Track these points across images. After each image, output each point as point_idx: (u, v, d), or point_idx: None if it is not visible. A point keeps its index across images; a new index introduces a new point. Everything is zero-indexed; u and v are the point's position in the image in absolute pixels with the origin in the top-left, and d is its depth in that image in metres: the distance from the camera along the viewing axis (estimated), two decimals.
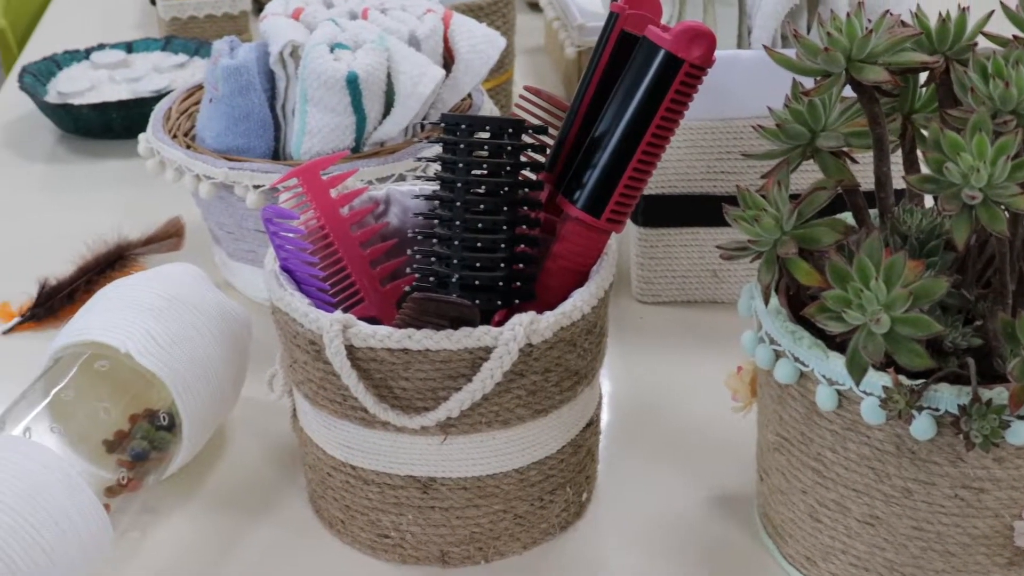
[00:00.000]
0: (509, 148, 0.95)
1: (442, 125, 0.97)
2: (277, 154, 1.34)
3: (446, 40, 1.35)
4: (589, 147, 0.97)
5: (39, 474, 0.92)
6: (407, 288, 1.00)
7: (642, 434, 1.17)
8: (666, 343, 1.30)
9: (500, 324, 0.92)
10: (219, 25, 2.17)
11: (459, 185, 0.95)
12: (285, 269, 1.01)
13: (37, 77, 1.94)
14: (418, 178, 1.05)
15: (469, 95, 1.41)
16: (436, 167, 0.99)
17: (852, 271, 0.82)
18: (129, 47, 2.04)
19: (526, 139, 0.98)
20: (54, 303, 1.38)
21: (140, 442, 1.06)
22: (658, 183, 1.29)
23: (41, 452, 0.94)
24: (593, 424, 1.05)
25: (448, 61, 1.36)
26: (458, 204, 0.95)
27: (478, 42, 1.34)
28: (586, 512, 1.07)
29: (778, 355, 0.92)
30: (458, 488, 0.98)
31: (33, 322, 1.38)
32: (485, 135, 0.96)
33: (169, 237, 1.45)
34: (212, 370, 1.08)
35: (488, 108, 1.41)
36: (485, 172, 0.95)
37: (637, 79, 0.95)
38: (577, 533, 1.05)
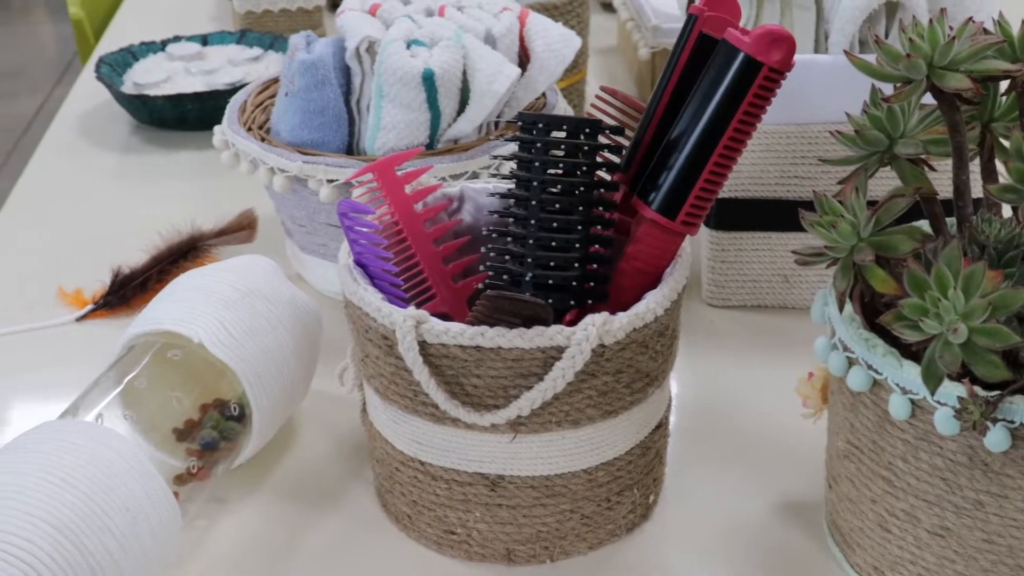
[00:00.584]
0: (585, 148, 0.95)
1: (519, 124, 0.97)
2: (351, 149, 1.34)
3: (522, 39, 1.35)
4: (665, 149, 0.97)
5: (111, 460, 0.93)
6: (479, 285, 1.00)
7: (710, 438, 1.16)
8: (736, 347, 1.30)
9: (572, 324, 0.92)
10: (293, 19, 2.18)
11: (535, 184, 0.95)
12: (359, 263, 1.01)
13: (114, 68, 1.96)
14: (493, 176, 1.05)
15: (543, 94, 1.41)
16: (511, 165, 0.99)
17: (930, 280, 0.82)
18: (204, 40, 2.06)
19: (602, 139, 0.98)
20: (127, 291, 1.39)
21: (210, 432, 1.07)
22: (731, 187, 1.28)
23: (113, 438, 0.95)
24: (662, 427, 1.05)
25: (523, 60, 1.36)
26: (533, 203, 0.95)
27: (554, 41, 1.34)
28: (653, 514, 1.07)
29: (851, 362, 0.92)
30: (526, 487, 0.98)
31: (106, 310, 1.39)
32: (562, 134, 0.96)
33: (242, 229, 1.46)
34: (283, 362, 1.09)
35: (562, 107, 1.41)
36: (561, 171, 0.95)
37: (715, 81, 0.95)
38: (643, 535, 1.05)
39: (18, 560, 0.85)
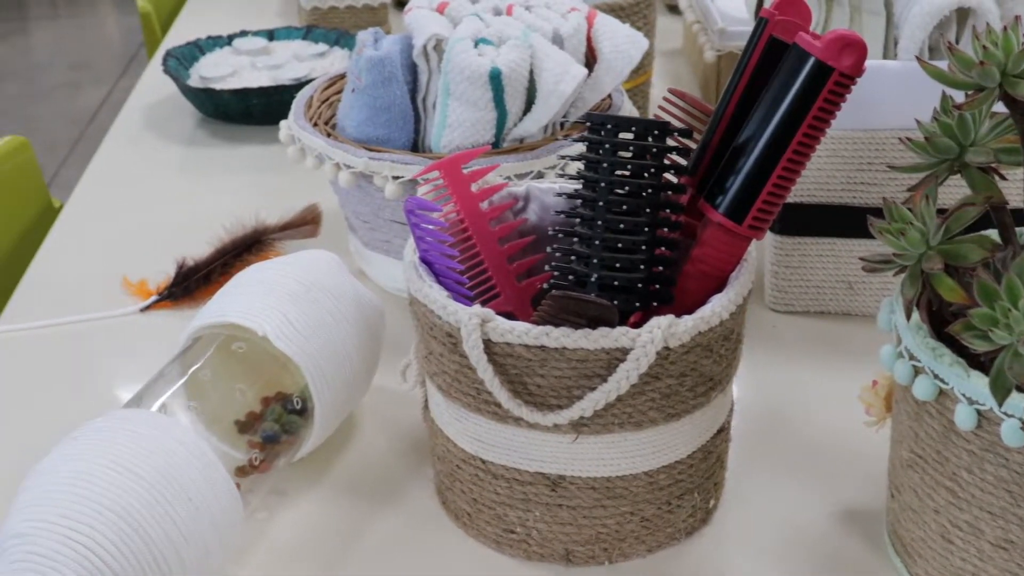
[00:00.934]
0: (654, 150, 0.95)
1: (587, 124, 0.97)
2: (416, 146, 1.35)
3: (589, 39, 1.35)
4: (733, 152, 0.97)
5: (175, 450, 0.93)
6: (543, 285, 1.00)
7: (771, 443, 1.16)
8: (798, 353, 1.29)
9: (636, 326, 0.92)
10: (358, 16, 2.19)
11: (602, 185, 0.95)
12: (424, 261, 1.01)
13: (181, 61, 1.98)
14: (560, 176, 1.05)
15: (609, 95, 1.41)
16: (578, 166, 0.99)
17: (1000, 290, 0.81)
18: (271, 35, 2.07)
19: (670, 142, 0.97)
20: (191, 283, 1.40)
21: (272, 425, 1.07)
22: (797, 192, 1.28)
23: (177, 429, 0.96)
24: (724, 431, 1.04)
25: (590, 60, 1.36)
26: (600, 204, 0.95)
27: (621, 42, 1.34)
28: (712, 519, 1.07)
29: (917, 371, 0.91)
30: (587, 487, 0.98)
31: (169, 301, 1.40)
32: (630, 136, 0.96)
33: (306, 224, 1.47)
34: (346, 357, 1.09)
35: (628, 109, 1.41)
36: (628, 173, 0.95)
37: (785, 86, 0.95)
38: (703, 539, 1.05)
39: (82, 547, 0.86)
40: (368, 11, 2.19)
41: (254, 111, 1.84)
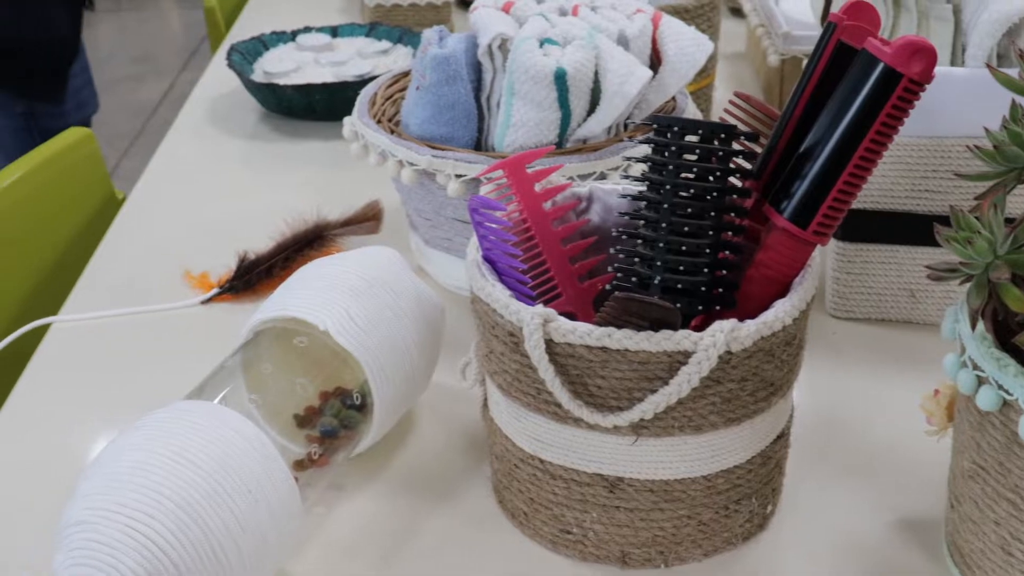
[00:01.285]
0: (720, 153, 0.95)
1: (653, 126, 0.97)
2: (479, 145, 1.35)
3: (654, 41, 1.35)
4: (800, 157, 0.96)
5: (235, 442, 0.94)
6: (606, 287, 1.00)
7: (830, 450, 1.15)
8: (858, 360, 1.28)
9: (698, 329, 0.92)
10: (421, 14, 2.20)
11: (667, 187, 0.95)
12: (487, 259, 1.01)
13: (245, 56, 1.99)
14: (625, 177, 1.05)
15: (673, 97, 1.41)
16: (642, 167, 0.99)
17: None
18: (334, 31, 2.08)
19: (736, 145, 0.97)
20: (252, 277, 1.41)
21: (330, 419, 1.08)
22: (861, 198, 1.27)
23: (238, 421, 0.96)
24: (784, 436, 1.04)
25: (655, 62, 1.35)
26: (665, 206, 0.95)
27: (686, 45, 1.34)
28: (769, 524, 1.06)
29: (981, 381, 0.90)
30: (645, 490, 0.98)
31: (230, 294, 1.41)
32: (696, 139, 0.95)
33: (367, 220, 1.47)
34: (406, 354, 1.09)
35: (691, 111, 1.40)
36: (694, 176, 0.95)
37: (853, 91, 0.94)
38: (759, 545, 1.04)
39: (142, 536, 0.87)
40: (431, 9, 2.20)
41: (317, 107, 1.85)
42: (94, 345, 1.36)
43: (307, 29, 2.08)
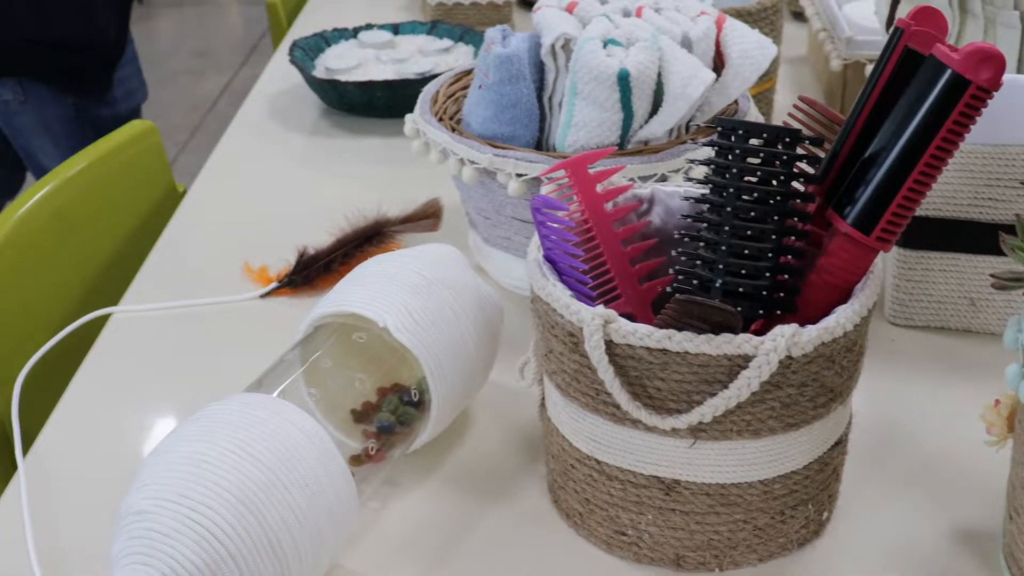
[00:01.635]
0: (784, 157, 0.94)
1: (717, 129, 0.96)
2: (540, 144, 1.35)
3: (718, 43, 1.35)
4: (864, 163, 0.96)
5: (295, 436, 0.94)
6: (667, 288, 0.99)
7: (886, 458, 1.15)
8: (916, 368, 1.27)
9: (758, 333, 0.91)
10: (483, 13, 2.20)
11: (730, 190, 0.95)
12: (548, 259, 1.01)
13: (306, 52, 2.00)
14: (688, 179, 1.04)
15: (735, 100, 1.40)
16: (704, 170, 0.99)
17: None
18: (396, 29, 2.09)
19: (800, 150, 0.97)
20: (311, 272, 1.42)
21: (387, 415, 1.08)
22: (923, 205, 1.26)
23: (297, 415, 0.96)
24: (842, 443, 1.03)
25: (718, 65, 1.35)
26: (728, 209, 0.95)
27: (750, 48, 1.33)
28: (825, 531, 1.06)
29: None
30: (701, 493, 0.97)
31: (289, 288, 1.42)
32: (760, 142, 0.95)
33: (427, 217, 1.47)
34: (464, 352, 1.10)
35: (753, 114, 1.40)
36: (757, 179, 0.95)
37: (920, 97, 0.93)
38: (814, 552, 1.04)
39: (201, 527, 0.88)
40: (492, 8, 2.20)
41: (377, 103, 1.86)
42: (153, 336, 1.37)
43: (369, 26, 2.09)
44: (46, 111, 2.53)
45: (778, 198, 0.95)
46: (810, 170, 0.99)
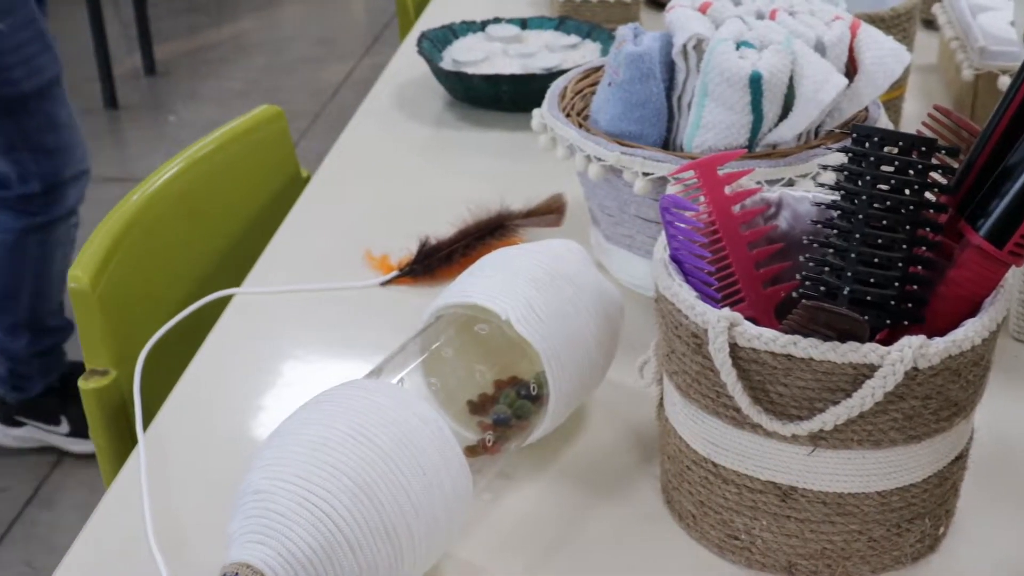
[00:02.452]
0: (918, 166, 0.93)
1: (852, 135, 0.96)
2: (667, 144, 1.34)
3: (851, 49, 1.33)
4: (1000, 175, 0.94)
5: (414, 424, 0.95)
6: (793, 294, 0.98)
7: (1006, 476, 1.13)
8: None
9: (883, 343, 0.90)
10: (610, 11, 2.20)
11: (862, 198, 0.94)
12: (674, 259, 1.01)
13: (434, 43, 2.01)
14: (820, 185, 1.03)
15: (866, 107, 1.39)
16: (835, 176, 0.98)
17: None
18: (524, 23, 2.09)
19: (934, 160, 0.95)
20: (432, 262, 1.42)
21: (504, 408, 1.08)
22: None
23: (416, 404, 0.97)
24: (962, 458, 1.02)
25: (850, 70, 1.34)
26: (859, 217, 0.94)
27: (884, 55, 1.32)
28: (940, 546, 1.04)
29: None
30: (817, 501, 0.97)
31: (409, 277, 1.43)
32: (894, 150, 0.94)
33: (550, 212, 1.47)
34: (584, 348, 1.10)
35: (884, 122, 1.38)
36: (890, 188, 0.94)
37: None
38: (929, 567, 1.03)
39: (318, 509, 0.88)
40: (620, 6, 2.20)
41: (503, 97, 1.86)
42: (274, 318, 1.39)
43: (497, 20, 2.10)
44: None
45: (910, 207, 0.93)
46: (943, 180, 0.98)
